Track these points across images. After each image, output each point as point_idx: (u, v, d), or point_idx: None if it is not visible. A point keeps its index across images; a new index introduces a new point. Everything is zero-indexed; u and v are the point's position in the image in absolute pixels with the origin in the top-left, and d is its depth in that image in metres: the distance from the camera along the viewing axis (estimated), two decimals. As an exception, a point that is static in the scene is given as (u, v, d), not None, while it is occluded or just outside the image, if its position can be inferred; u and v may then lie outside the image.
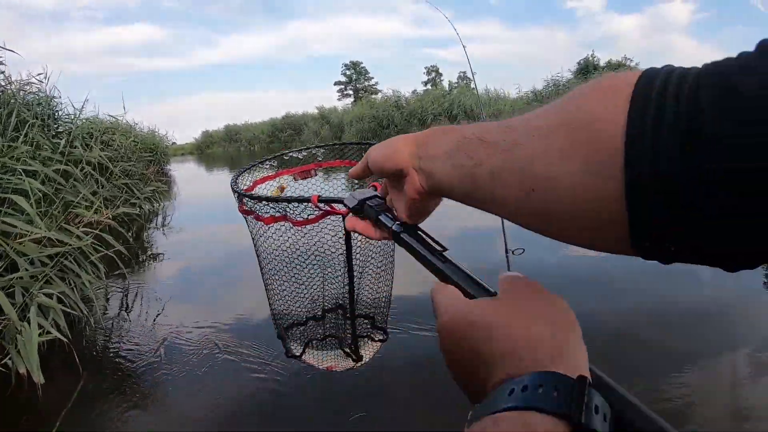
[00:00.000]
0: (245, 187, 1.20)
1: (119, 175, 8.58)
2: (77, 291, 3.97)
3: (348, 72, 56.71)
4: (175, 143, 33.93)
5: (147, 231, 8.82)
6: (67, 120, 7.85)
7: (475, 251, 6.05)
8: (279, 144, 39.88)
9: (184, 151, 44.73)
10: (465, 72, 49.17)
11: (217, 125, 50.03)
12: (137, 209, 8.61)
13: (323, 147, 1.40)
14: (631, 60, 26.73)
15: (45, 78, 7.27)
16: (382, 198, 0.76)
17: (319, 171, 1.41)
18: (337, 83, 57.52)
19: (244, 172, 1.20)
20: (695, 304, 4.14)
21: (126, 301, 5.01)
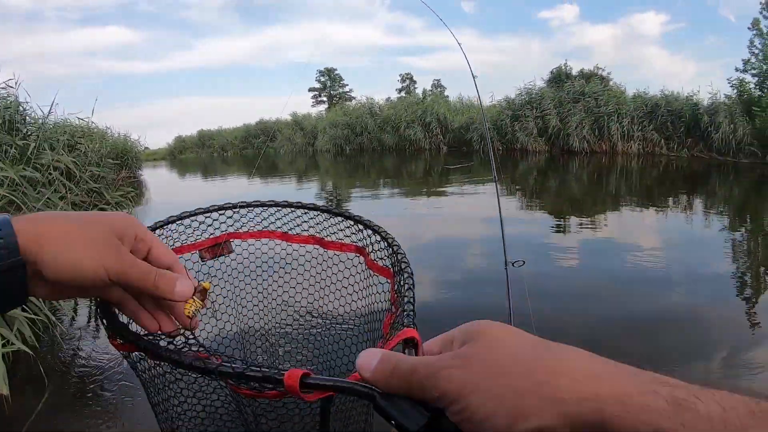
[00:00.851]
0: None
1: (87, 180, 8.45)
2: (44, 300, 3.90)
3: (322, 78, 56.60)
4: (148, 148, 33.50)
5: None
6: (32, 124, 7.74)
7: (475, 263, 6.10)
8: (252, 150, 39.64)
9: (156, 157, 44.16)
10: (439, 79, 49.51)
11: (191, 130, 49.49)
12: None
13: (252, 206, 1.08)
14: (603, 69, 27.05)
15: (15, 83, 7.18)
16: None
17: (236, 243, 1.09)
18: (312, 89, 57.36)
19: None
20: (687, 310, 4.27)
21: (95, 310, 4.91)
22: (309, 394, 0.52)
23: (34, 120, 7.86)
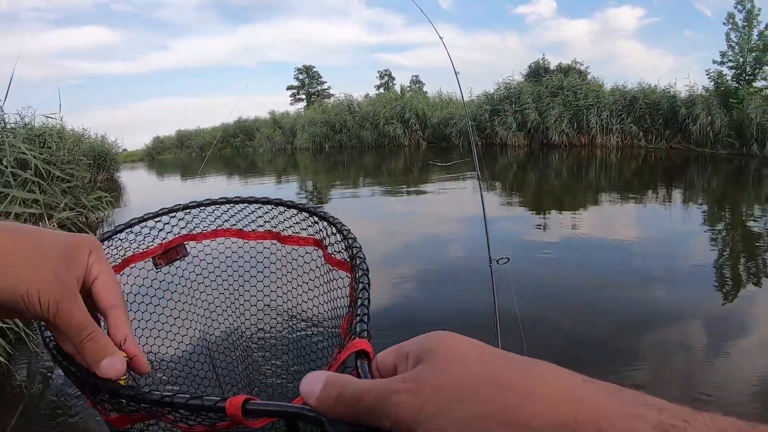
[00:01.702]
0: None
1: (62, 178, 8.32)
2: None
3: (300, 76, 56.38)
4: (126, 150, 33.14)
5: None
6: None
7: (459, 260, 6.08)
8: (231, 150, 39.45)
9: (134, 158, 43.73)
10: (418, 76, 49.59)
11: (169, 131, 49.08)
12: (83, 218, 8.35)
13: (203, 205, 1.02)
14: (581, 63, 27.24)
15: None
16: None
17: (191, 245, 1.04)
18: (290, 87, 57.13)
19: None
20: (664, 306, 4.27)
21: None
22: (254, 420, 0.48)
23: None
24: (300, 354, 1.13)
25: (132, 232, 0.95)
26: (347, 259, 0.84)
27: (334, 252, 0.89)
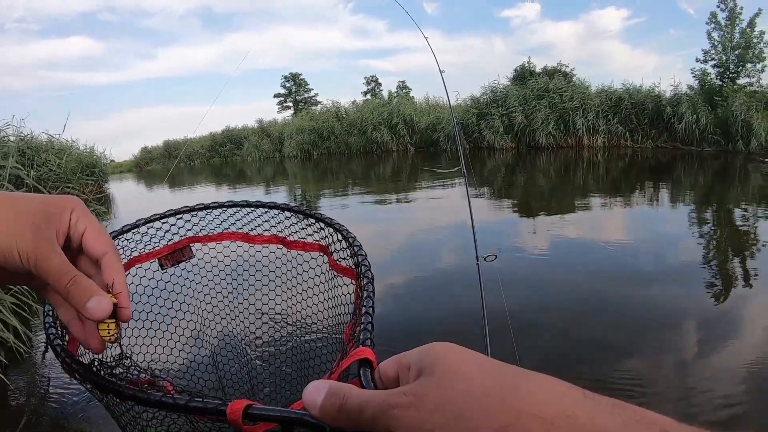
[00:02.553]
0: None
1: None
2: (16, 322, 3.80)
3: (287, 84, 56.10)
4: (114, 161, 32.88)
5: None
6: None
7: (447, 261, 6.09)
8: (219, 159, 39.24)
9: (122, 169, 43.37)
10: (404, 81, 49.62)
11: (156, 141, 48.69)
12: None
13: (210, 208, 1.01)
14: (566, 65, 27.33)
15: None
16: None
17: (197, 247, 1.04)
18: (277, 95, 56.90)
19: None
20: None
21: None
22: (254, 425, 0.49)
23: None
24: (302, 359, 1.14)
25: (138, 232, 0.96)
26: (352, 267, 0.85)
27: (339, 259, 0.90)
